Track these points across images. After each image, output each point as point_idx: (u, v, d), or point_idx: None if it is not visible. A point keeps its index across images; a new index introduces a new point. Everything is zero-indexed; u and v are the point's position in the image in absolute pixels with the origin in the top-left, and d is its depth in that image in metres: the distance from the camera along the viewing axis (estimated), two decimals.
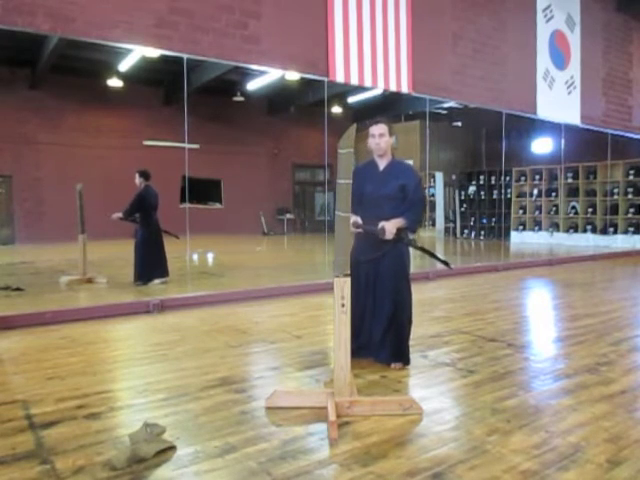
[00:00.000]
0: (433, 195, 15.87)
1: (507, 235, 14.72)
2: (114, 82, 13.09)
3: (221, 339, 4.12)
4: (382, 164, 3.45)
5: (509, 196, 15.01)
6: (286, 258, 11.29)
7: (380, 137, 3.35)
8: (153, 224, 6.89)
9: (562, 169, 13.57)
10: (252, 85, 13.89)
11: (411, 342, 3.97)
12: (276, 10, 6.14)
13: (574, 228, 13.72)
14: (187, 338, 4.17)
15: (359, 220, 3.26)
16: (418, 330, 4.38)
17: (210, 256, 11.15)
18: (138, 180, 6.81)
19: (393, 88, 7.30)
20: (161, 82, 14.56)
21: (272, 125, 17.10)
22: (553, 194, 14.06)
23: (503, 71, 8.74)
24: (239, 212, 15.20)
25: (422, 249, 3.28)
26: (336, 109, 15.43)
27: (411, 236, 3.38)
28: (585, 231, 13.48)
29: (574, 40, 9.92)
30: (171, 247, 7.11)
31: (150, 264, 6.77)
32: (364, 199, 3.37)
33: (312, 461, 2.13)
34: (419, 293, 6.49)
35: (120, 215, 6.77)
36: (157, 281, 6.75)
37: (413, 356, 3.60)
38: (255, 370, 3.45)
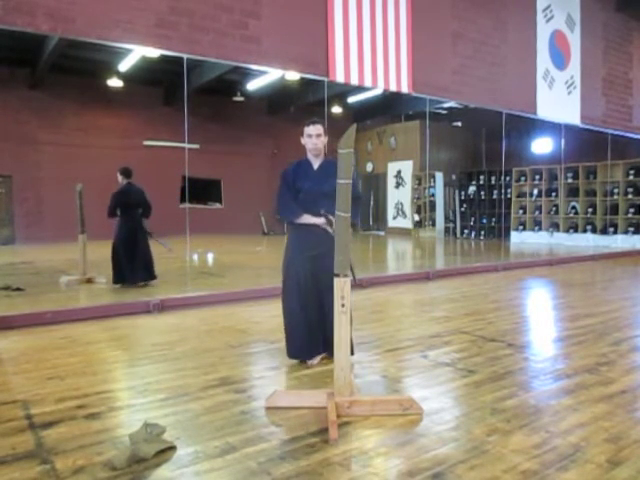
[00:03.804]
0: (433, 195, 15.85)
1: (507, 235, 14.71)
2: (114, 82, 13.09)
3: (221, 339, 4.12)
4: (316, 163, 3.54)
5: (509, 196, 15.00)
6: None
7: (317, 137, 3.43)
8: (131, 223, 6.59)
9: (562, 169, 13.57)
10: (252, 85, 13.89)
11: (411, 342, 4.00)
12: (276, 10, 6.14)
13: (574, 228, 13.71)
14: (187, 338, 4.17)
15: (330, 218, 3.25)
16: (418, 330, 4.40)
17: (210, 256, 11.15)
18: (119, 178, 6.64)
19: (393, 88, 7.30)
20: (161, 82, 14.56)
21: (272, 125, 17.08)
22: (553, 194, 14.05)
23: (503, 71, 8.74)
24: (239, 212, 15.21)
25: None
26: (336, 109, 15.43)
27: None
28: (585, 231, 13.47)
29: (574, 40, 9.93)
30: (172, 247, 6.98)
31: (126, 266, 6.48)
32: (300, 196, 3.47)
33: (312, 461, 2.13)
34: (419, 293, 6.51)
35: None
36: (141, 283, 6.52)
37: (413, 356, 3.61)
38: (255, 370, 3.45)
